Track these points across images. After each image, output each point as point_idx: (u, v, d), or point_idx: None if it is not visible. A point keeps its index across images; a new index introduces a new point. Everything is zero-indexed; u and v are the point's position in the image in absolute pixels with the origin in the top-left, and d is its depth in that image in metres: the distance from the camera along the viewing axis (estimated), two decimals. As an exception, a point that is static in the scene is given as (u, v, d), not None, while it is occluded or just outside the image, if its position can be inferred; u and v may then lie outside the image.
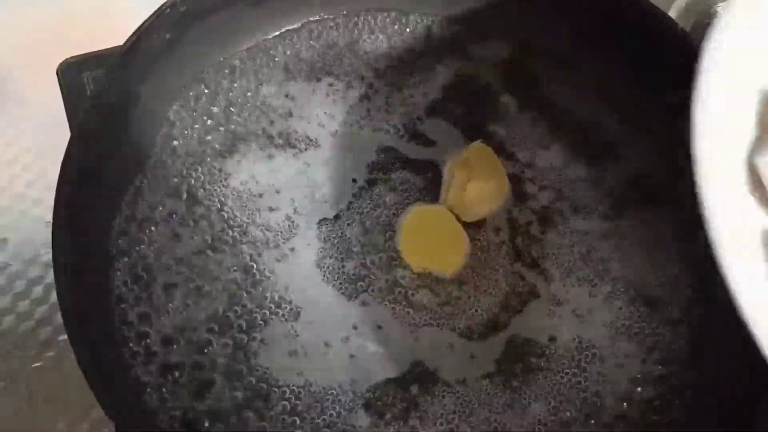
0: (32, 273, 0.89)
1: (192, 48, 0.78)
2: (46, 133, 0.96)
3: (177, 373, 0.69)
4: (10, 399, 0.82)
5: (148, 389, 0.68)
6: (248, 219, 0.77)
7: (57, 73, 0.85)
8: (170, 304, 0.72)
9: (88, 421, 0.81)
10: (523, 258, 0.77)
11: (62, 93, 0.84)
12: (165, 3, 0.73)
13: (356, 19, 0.87)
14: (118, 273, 0.72)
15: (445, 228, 0.77)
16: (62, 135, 0.82)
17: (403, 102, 0.84)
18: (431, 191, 0.79)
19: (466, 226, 0.77)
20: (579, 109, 0.84)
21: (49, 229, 0.65)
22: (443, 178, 0.80)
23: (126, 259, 0.73)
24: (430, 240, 0.76)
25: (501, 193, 0.79)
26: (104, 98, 0.70)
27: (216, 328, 0.71)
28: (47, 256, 0.88)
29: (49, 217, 0.66)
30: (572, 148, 0.82)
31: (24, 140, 0.98)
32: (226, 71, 0.83)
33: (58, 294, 0.63)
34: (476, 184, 0.77)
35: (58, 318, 0.63)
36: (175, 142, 0.79)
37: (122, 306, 0.71)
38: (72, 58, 0.86)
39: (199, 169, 0.79)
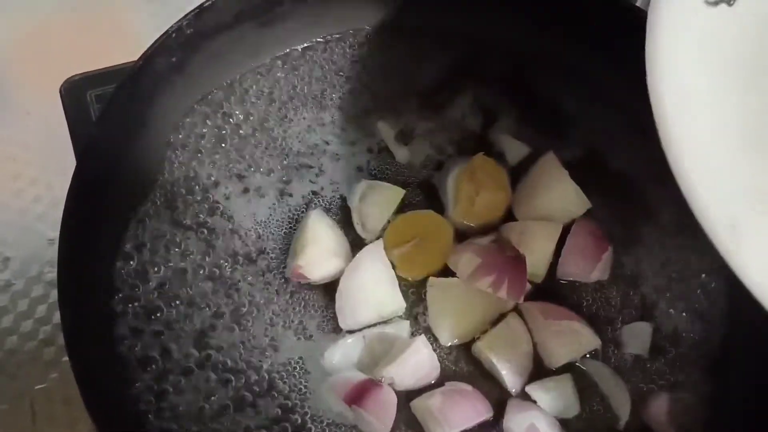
0: (36, 292, 0.88)
1: (199, 70, 0.77)
2: (51, 148, 0.95)
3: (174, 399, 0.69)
4: (13, 420, 0.81)
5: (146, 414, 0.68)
6: (250, 247, 0.76)
7: (60, 92, 0.84)
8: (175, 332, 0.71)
9: (92, 442, 0.80)
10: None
11: (65, 112, 0.83)
12: (172, 26, 0.72)
13: (362, 39, 0.86)
14: (123, 302, 0.72)
15: (428, 225, 0.76)
16: (67, 150, 0.82)
17: (405, 120, 0.84)
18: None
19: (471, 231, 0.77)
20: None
21: (52, 247, 0.65)
22: (446, 191, 0.79)
23: (130, 290, 0.72)
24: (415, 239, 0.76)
25: (505, 201, 0.78)
26: (109, 126, 0.69)
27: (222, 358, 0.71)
28: (51, 274, 0.87)
29: (52, 234, 0.65)
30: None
31: (29, 155, 0.97)
32: (233, 93, 0.82)
33: (63, 330, 0.62)
34: (484, 197, 0.77)
35: (63, 338, 0.63)
36: (181, 168, 0.78)
37: (125, 338, 0.71)
38: (75, 75, 0.84)
39: (205, 196, 0.78)
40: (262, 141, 0.81)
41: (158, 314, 0.72)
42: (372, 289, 0.72)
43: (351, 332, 0.72)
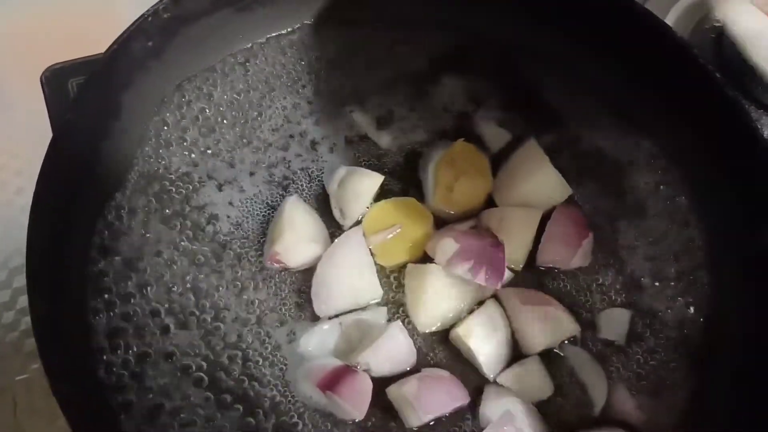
0: (18, 282, 0.88)
1: (176, 56, 0.76)
2: (34, 139, 0.93)
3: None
4: (-6, 411, 0.81)
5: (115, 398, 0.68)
6: (227, 233, 0.76)
7: (41, 80, 0.83)
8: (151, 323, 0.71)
9: (74, 433, 0.79)
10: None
11: (46, 100, 0.82)
12: (148, 9, 0.72)
13: (344, 25, 0.85)
14: (96, 289, 0.71)
15: (407, 213, 0.76)
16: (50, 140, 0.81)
17: (386, 107, 0.83)
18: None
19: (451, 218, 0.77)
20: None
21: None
22: (427, 178, 0.79)
23: (104, 277, 0.72)
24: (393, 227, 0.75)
25: (485, 188, 0.78)
26: (85, 109, 0.68)
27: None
28: (34, 265, 0.87)
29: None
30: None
31: (12, 146, 0.97)
32: (211, 79, 0.81)
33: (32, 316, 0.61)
34: (463, 183, 0.76)
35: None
36: (158, 154, 0.78)
37: (98, 321, 0.70)
38: (57, 64, 0.84)
39: (181, 182, 0.77)
40: (240, 128, 0.80)
41: (133, 300, 0.71)
42: (349, 275, 0.72)
43: (328, 319, 0.72)
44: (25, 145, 0.96)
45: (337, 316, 0.72)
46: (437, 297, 0.71)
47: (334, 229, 0.76)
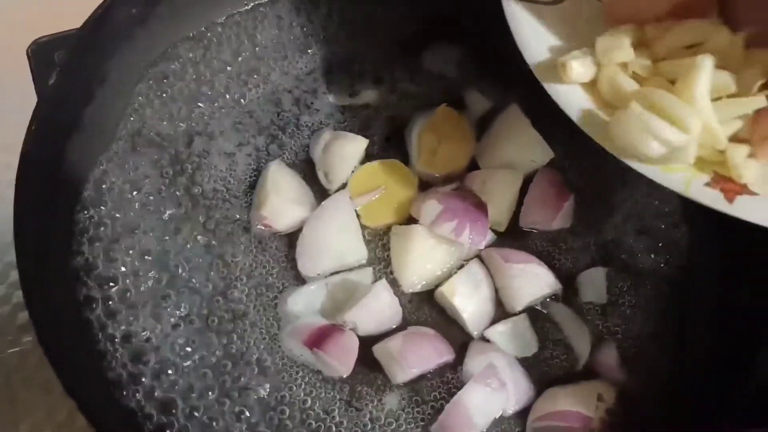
0: (9, 257, 0.88)
1: (161, 22, 0.77)
2: (22, 113, 0.95)
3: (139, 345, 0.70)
4: (-12, 384, 0.81)
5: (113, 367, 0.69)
6: (213, 198, 0.77)
7: (27, 53, 0.84)
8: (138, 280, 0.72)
9: (67, 406, 0.80)
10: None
11: (32, 73, 0.83)
12: (131, -23, 0.72)
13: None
14: (84, 250, 0.72)
15: (392, 175, 0.77)
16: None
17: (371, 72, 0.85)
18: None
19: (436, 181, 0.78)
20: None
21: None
22: (411, 142, 0.80)
23: (91, 238, 0.73)
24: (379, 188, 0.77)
25: (468, 151, 0.79)
26: (69, 75, 0.69)
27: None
28: (24, 240, 0.88)
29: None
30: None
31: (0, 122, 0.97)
32: (197, 46, 0.82)
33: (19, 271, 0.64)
34: (446, 147, 0.78)
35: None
36: (142, 120, 0.78)
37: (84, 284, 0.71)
38: (43, 37, 0.84)
39: (167, 146, 0.78)
40: (226, 94, 0.81)
41: (120, 259, 0.72)
42: (335, 236, 0.73)
43: (314, 279, 0.73)
44: (13, 121, 0.95)
45: (321, 276, 0.73)
46: (422, 257, 0.72)
47: (319, 193, 0.77)
